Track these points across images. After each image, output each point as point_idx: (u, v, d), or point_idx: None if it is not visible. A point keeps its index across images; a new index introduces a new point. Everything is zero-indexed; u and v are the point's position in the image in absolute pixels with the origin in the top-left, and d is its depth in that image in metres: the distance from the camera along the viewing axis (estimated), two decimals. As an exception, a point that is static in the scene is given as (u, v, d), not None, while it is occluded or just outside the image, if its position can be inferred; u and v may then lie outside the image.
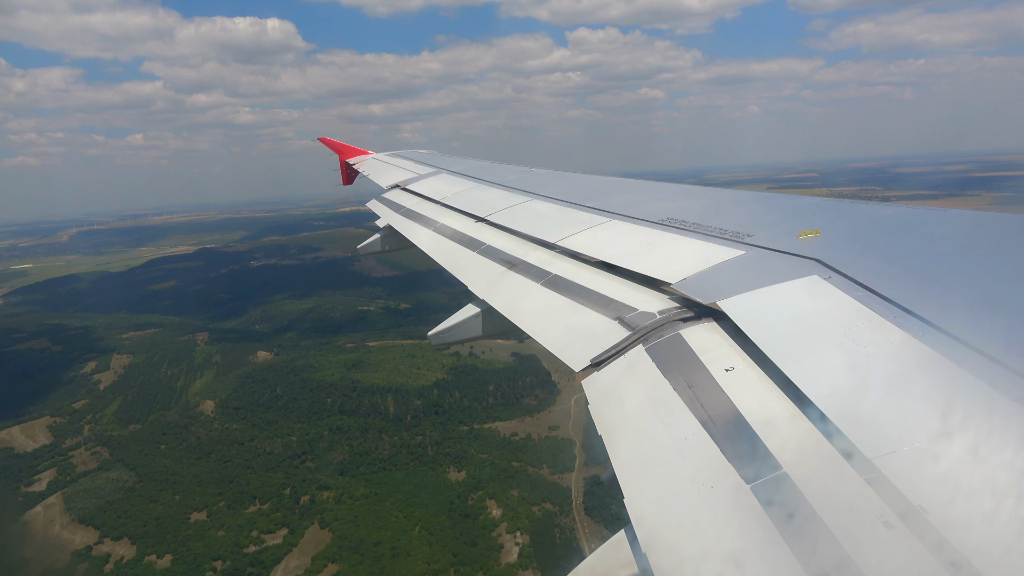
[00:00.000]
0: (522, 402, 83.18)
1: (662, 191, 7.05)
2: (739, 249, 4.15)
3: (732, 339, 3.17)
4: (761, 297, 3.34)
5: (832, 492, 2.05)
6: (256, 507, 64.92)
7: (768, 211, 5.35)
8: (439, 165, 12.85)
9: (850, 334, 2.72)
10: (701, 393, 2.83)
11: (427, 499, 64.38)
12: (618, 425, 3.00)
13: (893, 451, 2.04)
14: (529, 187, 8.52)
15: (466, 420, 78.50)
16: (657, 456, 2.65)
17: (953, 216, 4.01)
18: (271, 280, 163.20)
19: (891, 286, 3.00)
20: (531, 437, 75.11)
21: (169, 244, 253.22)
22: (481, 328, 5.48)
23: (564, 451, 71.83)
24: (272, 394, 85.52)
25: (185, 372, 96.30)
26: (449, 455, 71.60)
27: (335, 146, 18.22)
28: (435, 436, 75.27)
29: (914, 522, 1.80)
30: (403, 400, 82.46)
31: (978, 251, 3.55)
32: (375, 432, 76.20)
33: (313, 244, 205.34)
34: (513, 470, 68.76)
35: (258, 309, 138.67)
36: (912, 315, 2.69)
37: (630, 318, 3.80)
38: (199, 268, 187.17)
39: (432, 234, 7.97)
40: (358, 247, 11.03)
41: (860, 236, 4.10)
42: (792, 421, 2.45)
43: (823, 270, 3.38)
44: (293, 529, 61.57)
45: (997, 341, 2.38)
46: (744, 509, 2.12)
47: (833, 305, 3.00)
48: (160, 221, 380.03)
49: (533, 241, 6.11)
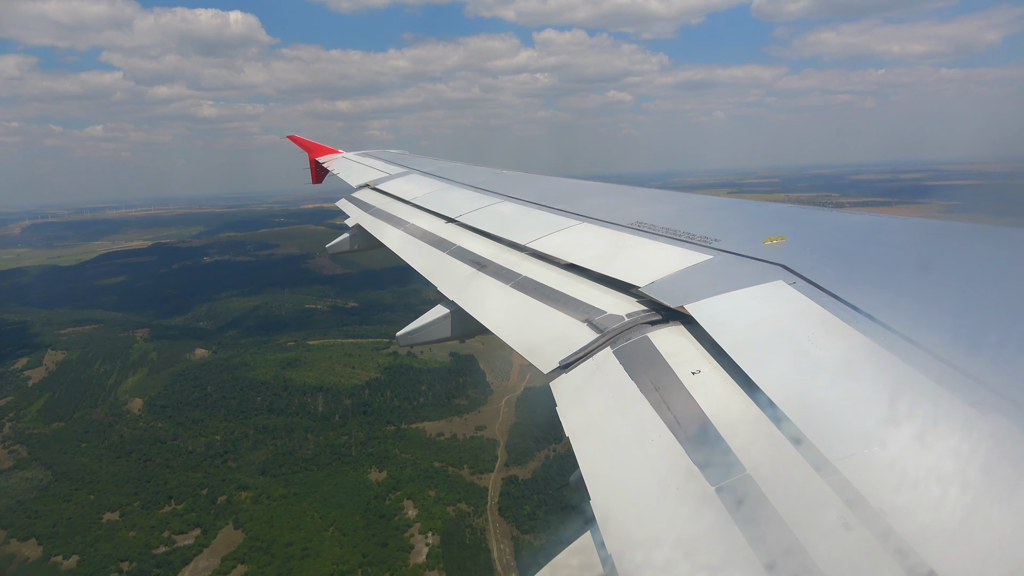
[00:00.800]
0: (452, 402, 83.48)
1: (632, 195, 7.10)
2: (707, 254, 4.19)
3: (699, 342, 3.21)
4: (728, 301, 3.38)
5: (794, 494, 2.09)
6: (171, 507, 64.28)
7: (736, 217, 5.46)
8: (410, 165, 12.85)
9: (814, 338, 2.77)
10: (668, 395, 2.86)
11: (344, 499, 64.36)
12: (585, 427, 2.99)
13: (853, 454, 2.08)
14: (500, 189, 8.55)
15: (394, 420, 78.57)
16: (623, 458, 2.66)
17: (915, 224, 4.14)
18: (222, 277, 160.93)
19: (854, 292, 3.07)
20: (456, 437, 75.50)
21: (124, 239, 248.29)
22: (450, 329, 5.44)
23: (486, 451, 72.40)
24: (202, 392, 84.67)
25: (118, 369, 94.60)
26: (372, 455, 71.59)
27: (305, 144, 18.04)
28: (361, 436, 75.27)
29: (873, 524, 1.85)
30: (333, 399, 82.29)
31: (939, 258, 3.61)
32: (301, 432, 75.90)
33: (270, 241, 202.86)
34: (434, 470, 69.06)
35: (204, 306, 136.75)
36: (874, 320, 2.76)
37: (599, 320, 3.81)
38: (151, 263, 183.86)
39: (402, 234, 7.92)
40: (327, 246, 10.86)
41: (824, 243, 4.19)
42: (756, 424, 2.49)
43: (788, 275, 3.45)
44: (206, 529, 61.14)
45: (955, 346, 2.46)
46: (709, 511, 2.15)
47: (798, 310, 3.06)
48: (117, 215, 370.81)
49: (503, 243, 6.11)
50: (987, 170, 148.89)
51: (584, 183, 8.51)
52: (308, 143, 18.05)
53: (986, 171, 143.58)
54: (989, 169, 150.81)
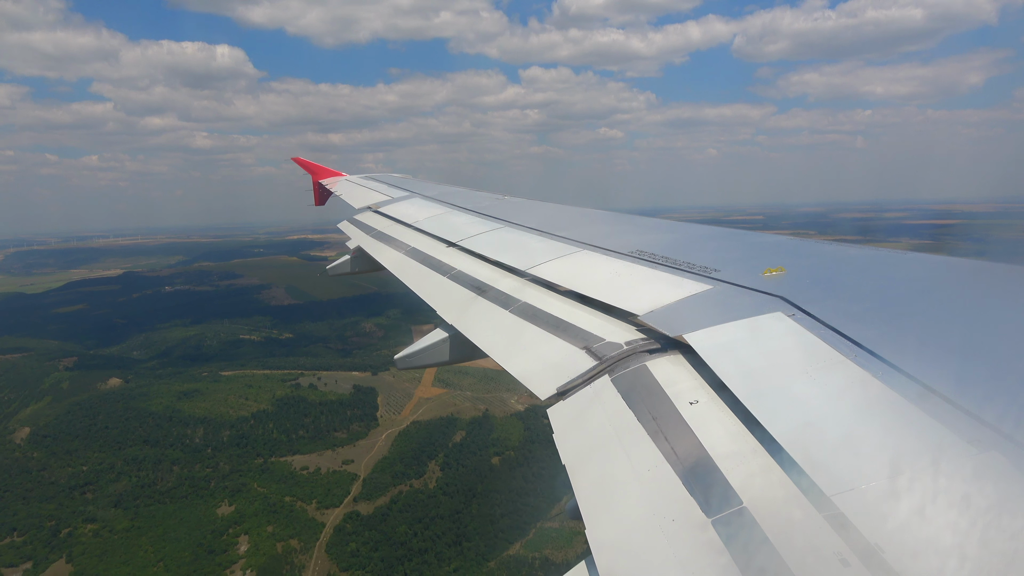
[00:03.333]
0: (331, 435, 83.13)
1: (632, 224, 7.10)
2: (706, 284, 4.19)
3: (697, 372, 3.19)
4: (726, 332, 3.37)
5: (791, 528, 2.07)
6: (10, 539, 64.23)
7: (736, 248, 5.42)
8: (412, 189, 12.86)
9: (812, 372, 2.77)
10: (665, 425, 2.84)
11: (184, 534, 63.89)
12: (582, 455, 2.99)
13: (851, 488, 2.07)
14: (502, 215, 8.53)
15: (264, 453, 78.21)
16: (620, 487, 2.65)
17: (914, 259, 4.13)
18: (175, 306, 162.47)
19: (853, 325, 3.06)
20: (319, 471, 74.96)
21: (102, 267, 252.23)
22: (448, 353, 5.38)
23: (341, 486, 71.78)
24: (91, 423, 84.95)
25: (21, 398, 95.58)
26: (228, 488, 71.18)
27: (308, 166, 18.30)
28: (225, 469, 74.95)
29: (870, 560, 1.83)
30: (213, 431, 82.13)
31: (937, 293, 3.65)
32: (167, 464, 75.72)
33: (237, 271, 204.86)
34: (282, 505, 68.47)
35: (142, 335, 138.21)
36: (872, 355, 2.75)
37: (597, 348, 3.80)
38: (114, 292, 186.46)
39: (402, 257, 7.91)
40: (327, 267, 10.85)
41: (824, 275, 4.19)
42: (754, 456, 2.47)
43: (787, 307, 3.45)
44: (38, 562, 60.91)
45: (953, 382, 2.47)
46: (704, 543, 2.14)
47: (797, 342, 3.05)
48: (103, 244, 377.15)
49: (504, 268, 6.10)
50: (976, 209, 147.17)
51: (585, 211, 8.53)
52: (312, 165, 18.25)
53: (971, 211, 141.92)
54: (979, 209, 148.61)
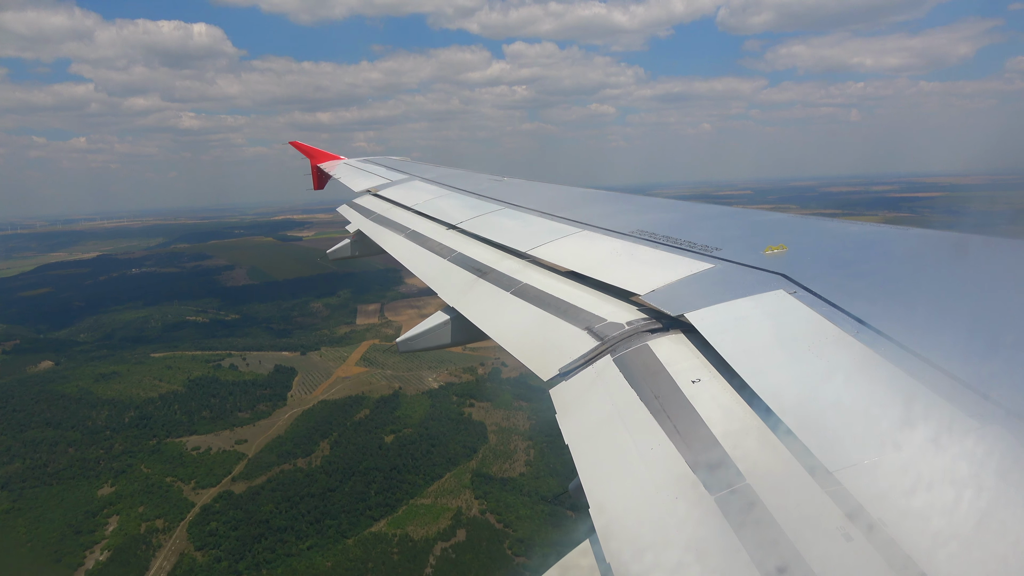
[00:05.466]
0: (235, 415, 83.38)
1: (633, 203, 7.08)
2: (708, 263, 4.19)
3: (699, 351, 3.20)
4: (728, 310, 3.38)
5: (794, 504, 2.08)
6: None
7: (737, 226, 5.39)
8: (411, 172, 12.80)
9: (814, 348, 2.77)
10: (668, 404, 2.84)
11: (59, 516, 64.36)
12: (584, 435, 2.99)
13: (854, 464, 2.08)
14: (502, 196, 8.47)
15: (160, 434, 78.64)
16: (623, 466, 2.66)
17: (916, 234, 4.14)
18: (133, 289, 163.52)
19: (854, 302, 3.06)
20: (210, 451, 75.28)
21: (82, 249, 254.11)
22: (450, 336, 5.39)
23: (224, 466, 72.04)
24: (2, 406, 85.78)
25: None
26: (114, 470, 71.65)
27: (306, 150, 18.12)
28: (118, 450, 75.39)
29: (873, 535, 1.84)
30: (117, 413, 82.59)
31: (938, 269, 3.62)
32: (63, 445, 76.26)
33: (208, 252, 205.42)
34: (162, 485, 68.90)
35: (92, 318, 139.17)
36: (873, 330, 2.75)
37: (599, 328, 3.80)
38: (83, 275, 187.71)
39: (403, 240, 7.92)
40: (328, 251, 10.71)
41: (825, 252, 4.19)
42: (756, 433, 2.48)
43: (789, 285, 3.45)
44: (-90, 544, 61.85)
45: (954, 357, 2.46)
46: (708, 520, 2.14)
47: (798, 319, 3.05)
48: (88, 227, 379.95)
49: (504, 250, 6.12)
50: (964, 182, 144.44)
51: (586, 191, 8.45)
52: (310, 149, 18.05)
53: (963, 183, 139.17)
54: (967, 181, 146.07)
